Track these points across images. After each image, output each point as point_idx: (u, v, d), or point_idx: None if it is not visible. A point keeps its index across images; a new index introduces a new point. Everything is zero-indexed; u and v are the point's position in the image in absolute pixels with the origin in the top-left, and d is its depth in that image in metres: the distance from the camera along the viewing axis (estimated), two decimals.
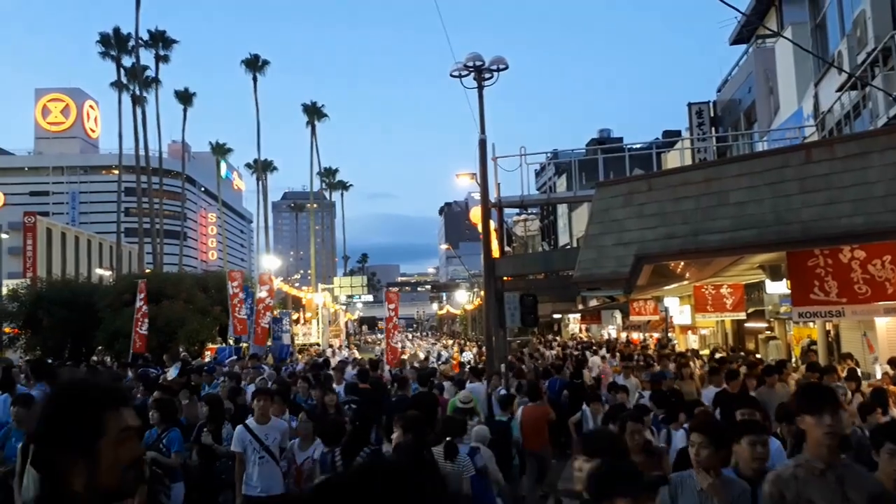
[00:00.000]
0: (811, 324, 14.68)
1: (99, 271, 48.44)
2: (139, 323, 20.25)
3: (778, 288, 12.15)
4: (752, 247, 7.97)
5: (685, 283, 14.91)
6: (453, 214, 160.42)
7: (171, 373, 13.63)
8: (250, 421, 6.83)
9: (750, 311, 17.03)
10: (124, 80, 50.12)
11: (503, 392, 11.74)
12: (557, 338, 38.73)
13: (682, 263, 11.80)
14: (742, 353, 16.74)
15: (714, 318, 18.92)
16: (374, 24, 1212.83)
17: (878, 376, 11.09)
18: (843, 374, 10.30)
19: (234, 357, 18.34)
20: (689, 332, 24.84)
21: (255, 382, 11.08)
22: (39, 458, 1.71)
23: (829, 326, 14.25)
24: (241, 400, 9.19)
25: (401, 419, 5.60)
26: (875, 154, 6.81)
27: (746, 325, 19.15)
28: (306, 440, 6.74)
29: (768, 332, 18.35)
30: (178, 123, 57.97)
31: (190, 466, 7.08)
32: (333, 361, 21.07)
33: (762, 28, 22.20)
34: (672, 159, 23.58)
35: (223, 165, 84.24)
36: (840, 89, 13.14)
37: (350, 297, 56.10)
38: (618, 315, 30.57)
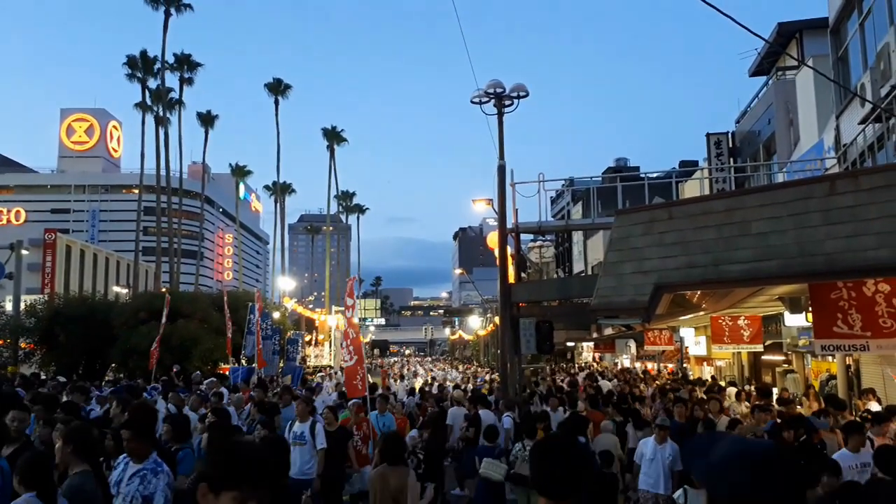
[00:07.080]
0: (830, 357, 14.45)
1: (116, 289, 48.74)
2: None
3: (797, 320, 11.98)
4: (776, 278, 7.86)
5: (701, 313, 14.75)
6: (468, 239, 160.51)
7: None
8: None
9: (767, 343, 16.80)
10: (148, 101, 50.88)
11: (508, 418, 11.60)
12: (562, 365, 38.58)
13: (699, 294, 11.67)
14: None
15: (731, 350, 18.65)
16: (397, 50, 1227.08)
17: None
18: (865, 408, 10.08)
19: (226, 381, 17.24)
20: (705, 363, 24.57)
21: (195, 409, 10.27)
22: None
23: (849, 361, 14.00)
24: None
25: None
26: None
27: (763, 357, 18.89)
28: None
29: (786, 366, 18.07)
30: (200, 144, 58.71)
31: None
32: (329, 385, 20.85)
33: (783, 60, 22.19)
34: (690, 189, 23.51)
35: (242, 187, 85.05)
36: (863, 122, 13.07)
37: (363, 319, 56.21)
38: (632, 344, 30.29)
